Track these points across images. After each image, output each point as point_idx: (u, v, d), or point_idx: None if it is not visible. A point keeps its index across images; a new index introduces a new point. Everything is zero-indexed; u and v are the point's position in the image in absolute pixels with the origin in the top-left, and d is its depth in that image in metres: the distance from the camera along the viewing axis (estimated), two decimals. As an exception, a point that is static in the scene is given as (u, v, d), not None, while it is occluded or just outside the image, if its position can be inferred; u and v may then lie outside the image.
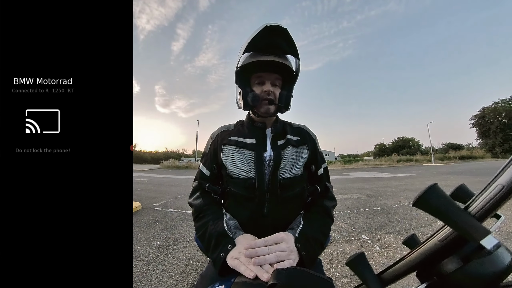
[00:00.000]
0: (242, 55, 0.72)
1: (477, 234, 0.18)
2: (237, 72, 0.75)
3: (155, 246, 2.45)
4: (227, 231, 0.62)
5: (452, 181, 7.34)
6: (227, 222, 0.65)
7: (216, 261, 0.56)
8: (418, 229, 2.89)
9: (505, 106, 39.75)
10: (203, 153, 0.83)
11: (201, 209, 0.71)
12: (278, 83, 0.75)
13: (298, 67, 0.76)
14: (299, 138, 0.79)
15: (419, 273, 0.23)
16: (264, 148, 0.74)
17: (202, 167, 0.80)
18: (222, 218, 0.66)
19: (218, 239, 0.60)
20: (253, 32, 0.66)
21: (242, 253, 0.53)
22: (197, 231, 0.68)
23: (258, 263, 0.49)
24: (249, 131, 0.78)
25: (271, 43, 0.68)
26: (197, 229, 0.69)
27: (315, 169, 0.79)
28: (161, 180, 9.80)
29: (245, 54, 0.72)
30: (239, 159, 0.72)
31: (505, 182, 0.19)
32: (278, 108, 0.74)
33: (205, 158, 0.81)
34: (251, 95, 0.71)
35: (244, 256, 0.52)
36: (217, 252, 0.57)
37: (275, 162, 0.71)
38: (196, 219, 0.71)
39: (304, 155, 0.76)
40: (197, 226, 0.69)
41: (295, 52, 0.73)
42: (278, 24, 0.65)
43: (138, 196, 5.45)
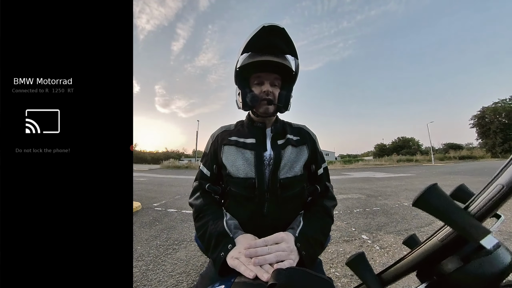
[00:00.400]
0: (241, 56, 0.72)
1: (477, 234, 0.18)
2: (236, 72, 0.75)
3: (155, 246, 2.45)
4: (227, 231, 0.62)
5: (452, 181, 7.34)
6: (227, 222, 0.65)
7: (216, 261, 0.56)
8: (418, 229, 2.89)
9: (505, 106, 39.75)
10: (204, 154, 0.84)
11: (201, 209, 0.71)
12: (277, 83, 0.75)
13: (297, 66, 0.76)
14: (299, 137, 0.79)
15: (419, 273, 0.23)
16: (264, 148, 0.74)
17: (202, 167, 0.80)
18: (222, 218, 0.67)
19: (218, 238, 0.60)
20: (251, 32, 0.66)
21: (242, 253, 0.53)
22: (197, 231, 0.68)
23: (258, 263, 0.49)
24: (249, 131, 0.78)
25: (269, 43, 0.68)
26: (197, 229, 0.69)
27: (315, 169, 0.79)
28: (161, 180, 9.79)
29: (243, 54, 0.72)
30: (239, 159, 0.72)
31: (505, 181, 0.19)
32: (278, 108, 0.74)
33: (206, 159, 0.81)
34: (250, 95, 0.71)
35: (244, 256, 0.52)
36: (217, 252, 0.57)
37: (275, 161, 0.71)
38: (196, 219, 0.71)
39: (304, 155, 0.76)
40: (197, 226, 0.69)
41: (294, 51, 0.73)
42: (276, 24, 0.65)
43: (138, 196, 5.45)
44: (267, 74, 0.73)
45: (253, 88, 0.75)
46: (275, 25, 0.65)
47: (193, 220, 0.73)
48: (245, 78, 0.77)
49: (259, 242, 0.55)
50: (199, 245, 0.73)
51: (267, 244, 0.55)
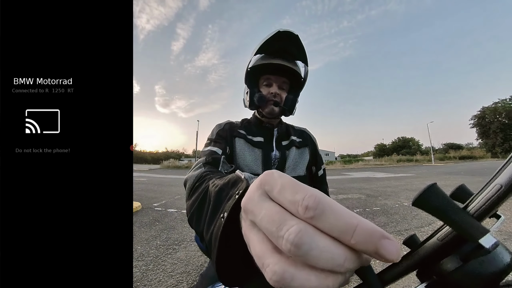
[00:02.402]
0: (253, 57, 0.73)
1: (476, 233, 0.18)
2: (247, 72, 0.77)
3: (155, 246, 2.45)
4: (241, 175, 0.33)
5: (452, 181, 7.34)
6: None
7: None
8: (418, 229, 2.89)
9: (505, 106, 39.76)
10: (208, 139, 0.74)
11: (201, 175, 0.48)
12: (285, 87, 0.77)
13: (306, 73, 0.78)
14: (301, 140, 0.81)
15: (419, 272, 0.23)
16: (271, 147, 0.75)
17: (211, 147, 0.67)
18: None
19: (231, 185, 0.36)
20: (266, 35, 0.68)
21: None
22: (190, 207, 0.40)
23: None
24: (257, 130, 0.79)
25: (282, 47, 0.70)
26: (191, 203, 0.41)
27: (315, 170, 0.81)
28: (161, 180, 9.80)
29: (256, 55, 0.73)
30: (248, 154, 0.72)
31: (504, 181, 0.19)
32: (283, 110, 0.76)
33: (215, 140, 0.71)
34: (257, 95, 0.73)
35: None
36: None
37: (281, 161, 0.73)
38: (193, 189, 0.45)
39: (306, 156, 0.78)
40: (192, 200, 0.41)
41: (305, 58, 0.74)
42: (291, 31, 0.67)
43: (138, 196, 5.45)
44: (277, 77, 0.75)
45: (262, 88, 0.76)
46: (290, 31, 0.67)
47: (186, 199, 0.47)
48: (255, 79, 0.78)
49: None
50: (199, 245, 0.72)
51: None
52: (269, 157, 0.72)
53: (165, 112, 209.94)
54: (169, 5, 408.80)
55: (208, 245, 0.28)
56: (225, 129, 0.75)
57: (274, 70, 0.73)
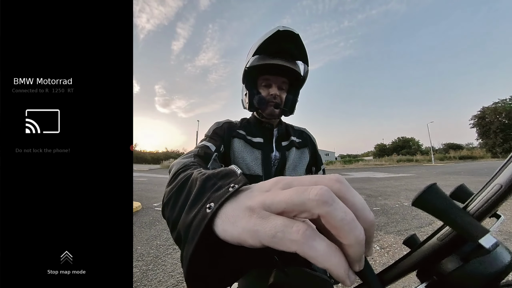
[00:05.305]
0: (251, 57, 0.71)
1: (476, 233, 0.18)
2: (245, 72, 0.75)
3: (155, 246, 2.45)
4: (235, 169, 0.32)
5: (452, 181, 7.34)
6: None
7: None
8: (418, 229, 2.89)
9: (505, 106, 39.74)
10: (205, 135, 0.72)
11: (188, 164, 0.46)
12: (284, 87, 0.75)
13: (306, 72, 0.76)
14: (301, 140, 0.80)
15: (419, 272, 0.23)
16: (271, 148, 0.74)
17: (205, 143, 0.65)
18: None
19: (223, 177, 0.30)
20: (265, 34, 0.66)
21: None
22: (169, 191, 0.37)
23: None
24: (257, 130, 0.77)
25: (281, 47, 0.68)
26: (169, 189, 0.37)
27: (315, 171, 0.81)
28: (161, 180, 9.79)
29: (254, 55, 0.71)
30: (247, 155, 0.71)
31: (503, 181, 0.19)
32: (283, 111, 0.75)
33: (210, 137, 0.70)
34: (257, 97, 0.71)
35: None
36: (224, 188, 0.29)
37: (281, 162, 0.72)
38: (175, 174, 0.42)
39: (306, 157, 0.78)
40: (172, 185, 0.38)
41: (305, 58, 0.72)
42: (291, 30, 0.64)
43: (138, 196, 5.45)
44: (276, 77, 0.73)
45: (261, 89, 0.75)
46: (290, 30, 0.64)
47: (167, 184, 0.42)
48: (253, 79, 0.76)
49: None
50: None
51: None
52: (269, 158, 0.71)
53: (165, 112, 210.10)
54: (169, 4, 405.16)
55: (184, 235, 0.25)
56: (223, 128, 0.74)
57: (273, 70, 0.72)
